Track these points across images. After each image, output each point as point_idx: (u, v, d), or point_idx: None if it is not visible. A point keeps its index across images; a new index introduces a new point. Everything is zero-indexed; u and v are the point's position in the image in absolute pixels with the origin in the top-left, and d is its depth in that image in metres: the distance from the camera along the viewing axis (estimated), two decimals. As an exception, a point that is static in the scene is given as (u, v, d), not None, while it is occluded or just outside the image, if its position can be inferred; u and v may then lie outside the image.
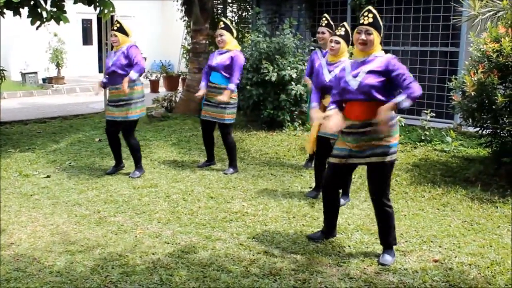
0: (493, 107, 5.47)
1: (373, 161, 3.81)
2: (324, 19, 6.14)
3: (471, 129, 7.70)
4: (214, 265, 3.75)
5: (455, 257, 3.96)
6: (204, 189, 5.59)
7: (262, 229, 4.47)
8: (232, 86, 6.07)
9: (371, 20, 3.79)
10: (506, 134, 5.76)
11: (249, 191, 5.57)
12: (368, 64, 3.80)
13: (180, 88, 14.42)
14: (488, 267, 3.77)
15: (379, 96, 3.72)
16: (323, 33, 6.12)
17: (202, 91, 6.30)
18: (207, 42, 9.73)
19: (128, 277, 3.56)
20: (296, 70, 8.26)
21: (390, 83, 3.74)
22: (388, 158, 3.79)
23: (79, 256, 3.88)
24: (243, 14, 11.44)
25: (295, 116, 8.78)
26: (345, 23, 5.34)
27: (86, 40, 17.90)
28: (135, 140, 6.11)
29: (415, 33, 8.82)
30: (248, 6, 11.39)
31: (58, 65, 14.96)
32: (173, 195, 5.36)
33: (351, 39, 5.27)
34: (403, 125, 7.58)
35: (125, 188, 5.56)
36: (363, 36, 3.79)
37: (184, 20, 11.98)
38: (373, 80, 3.72)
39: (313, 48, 8.75)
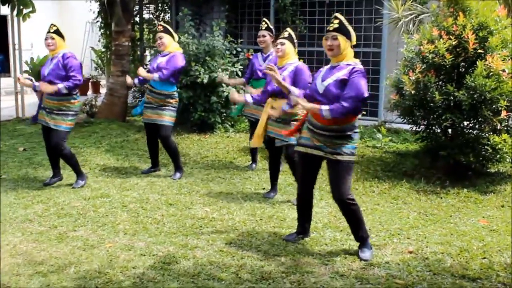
0: (431, 104, 5.83)
1: (331, 158, 3.91)
2: (263, 22, 6.25)
3: (395, 126, 8.18)
4: (202, 274, 3.64)
5: (426, 247, 4.18)
6: (160, 196, 5.40)
7: (236, 234, 4.41)
8: (156, 76, 5.89)
9: (336, 25, 3.91)
10: (439, 130, 6.17)
11: (205, 195, 5.47)
12: (337, 71, 3.91)
13: (90, 92, 13.78)
14: (459, 254, 4.03)
15: None
16: (263, 36, 6.22)
17: (131, 80, 6.39)
18: (130, 44, 9.39)
19: (116, 295, 3.36)
20: (227, 72, 8.24)
21: None
22: (346, 158, 3.89)
23: (53, 277, 3.58)
24: (161, 16, 11.16)
25: (224, 118, 8.75)
26: (288, 28, 5.41)
27: (-23, 42, 16.49)
28: (66, 149, 5.61)
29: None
30: (166, 8, 11.14)
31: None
32: (130, 204, 5.12)
33: (296, 41, 5.36)
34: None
35: (75, 200, 5.21)
36: (329, 42, 3.91)
37: (97, 21, 11.45)
38: (335, 90, 3.85)
39: (240, 50, 8.78)
